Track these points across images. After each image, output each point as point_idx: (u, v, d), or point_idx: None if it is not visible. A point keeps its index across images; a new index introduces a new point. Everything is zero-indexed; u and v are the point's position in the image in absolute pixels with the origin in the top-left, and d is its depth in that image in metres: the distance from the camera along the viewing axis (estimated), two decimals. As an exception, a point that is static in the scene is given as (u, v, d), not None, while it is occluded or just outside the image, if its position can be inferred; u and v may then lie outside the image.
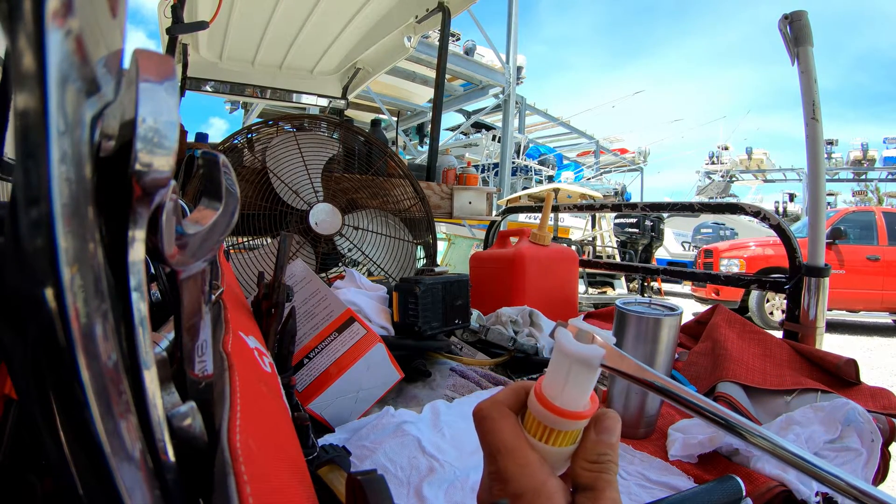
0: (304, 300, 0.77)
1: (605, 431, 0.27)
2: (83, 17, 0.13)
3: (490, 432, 0.27)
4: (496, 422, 0.27)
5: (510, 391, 0.29)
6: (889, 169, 16.97)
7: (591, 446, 0.27)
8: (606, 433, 0.27)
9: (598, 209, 2.21)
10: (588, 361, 0.26)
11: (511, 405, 0.28)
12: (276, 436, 0.28)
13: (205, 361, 0.21)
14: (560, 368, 0.26)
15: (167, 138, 0.14)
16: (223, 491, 0.17)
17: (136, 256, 0.15)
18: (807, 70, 1.01)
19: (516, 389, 0.29)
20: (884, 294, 4.97)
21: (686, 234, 10.24)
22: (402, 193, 1.44)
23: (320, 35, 2.25)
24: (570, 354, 0.26)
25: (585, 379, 0.26)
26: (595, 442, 0.27)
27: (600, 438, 0.27)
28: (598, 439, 0.27)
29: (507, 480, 0.26)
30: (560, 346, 0.26)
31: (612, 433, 0.28)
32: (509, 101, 6.45)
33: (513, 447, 0.26)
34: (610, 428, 0.28)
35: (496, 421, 0.27)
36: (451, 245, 4.56)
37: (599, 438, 0.27)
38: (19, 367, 0.13)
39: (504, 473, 0.26)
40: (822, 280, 0.96)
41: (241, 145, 1.27)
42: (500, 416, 0.27)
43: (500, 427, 0.27)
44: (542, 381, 0.28)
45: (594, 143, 12.90)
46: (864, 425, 0.62)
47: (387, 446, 0.56)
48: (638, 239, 5.58)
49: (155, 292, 0.38)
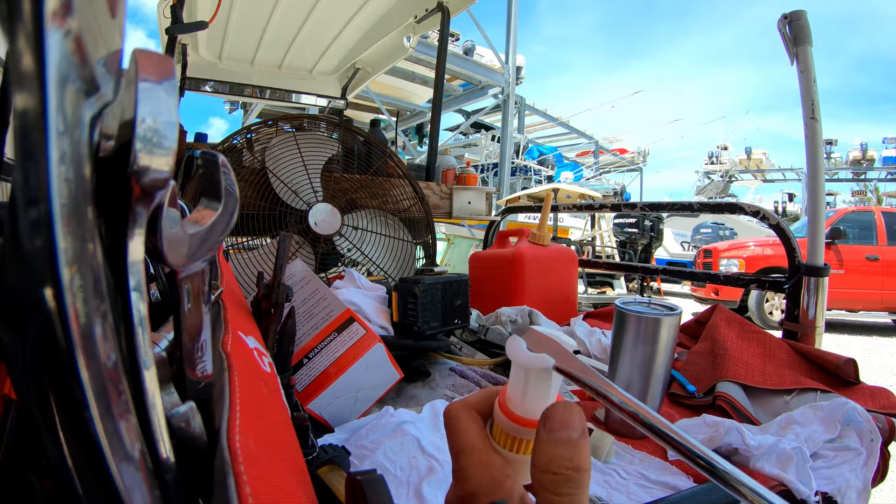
0: (303, 300, 0.77)
1: (556, 428, 0.22)
2: (82, 18, 0.13)
3: (455, 432, 0.26)
4: (461, 422, 0.26)
5: (481, 395, 0.28)
6: (888, 169, 16.99)
7: (542, 447, 0.22)
8: (558, 430, 0.22)
9: (598, 209, 2.21)
10: (537, 369, 0.25)
11: (481, 409, 0.27)
12: (276, 436, 0.28)
13: (204, 361, 0.21)
14: (517, 376, 0.26)
15: (166, 138, 0.14)
16: (222, 491, 0.17)
17: (136, 256, 0.15)
18: (806, 70, 1.01)
19: (487, 395, 0.28)
20: (883, 294, 4.97)
21: (685, 234, 10.24)
22: (402, 193, 1.44)
23: (320, 35, 2.25)
24: (521, 363, 0.25)
25: (543, 386, 0.25)
26: (545, 442, 0.22)
27: (550, 437, 0.22)
28: (548, 437, 0.22)
29: (466, 479, 0.24)
30: (511, 356, 0.26)
31: (566, 428, 0.22)
32: (508, 101, 6.44)
33: (475, 447, 0.25)
34: (564, 422, 0.22)
35: (461, 422, 0.26)
36: (450, 245, 4.56)
37: (549, 437, 0.22)
38: (19, 367, 0.13)
39: (464, 472, 0.24)
40: (822, 280, 0.96)
41: (241, 145, 1.27)
42: (467, 418, 0.26)
43: (465, 427, 0.26)
44: (505, 388, 0.27)
45: (593, 143, 12.91)
46: (863, 425, 0.62)
47: (386, 446, 0.56)
48: (637, 239, 5.58)
49: (154, 292, 0.38)
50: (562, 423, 0.22)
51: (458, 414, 0.26)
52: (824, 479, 0.57)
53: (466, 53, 6.69)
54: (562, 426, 0.22)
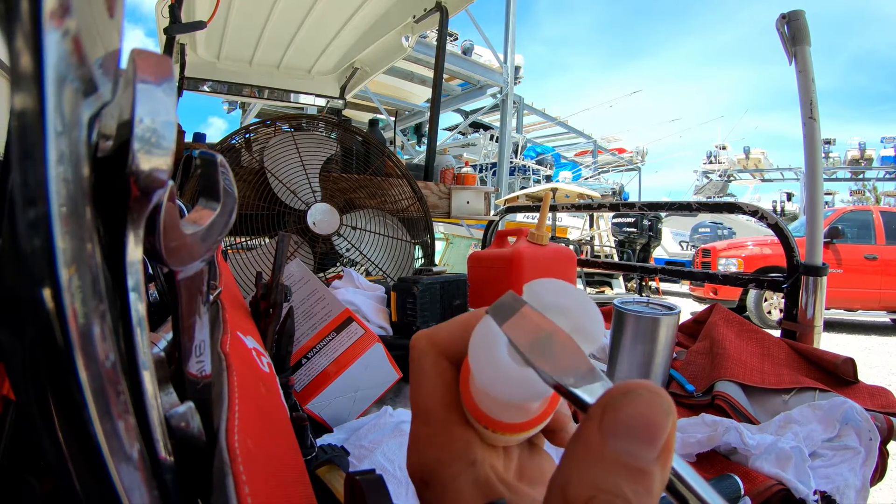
0: (302, 300, 0.77)
1: (628, 433, 0.12)
2: (81, 18, 0.13)
3: (415, 385, 0.20)
4: (425, 372, 0.19)
5: (458, 326, 0.20)
6: (886, 168, 17.03)
7: (585, 460, 0.12)
8: (629, 437, 0.12)
9: (596, 209, 2.22)
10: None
11: (453, 350, 0.19)
12: (275, 436, 0.28)
13: (203, 362, 0.21)
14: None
15: (165, 138, 0.14)
16: (221, 491, 0.17)
17: (134, 257, 0.15)
18: (804, 69, 1.01)
19: (464, 325, 0.19)
20: (881, 293, 4.98)
21: (684, 234, 10.25)
22: (400, 193, 1.44)
23: (318, 35, 2.25)
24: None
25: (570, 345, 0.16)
26: (597, 454, 0.12)
27: (609, 447, 0.12)
28: (606, 448, 0.12)
29: (417, 450, 0.19)
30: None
31: (648, 440, 0.12)
32: (507, 101, 6.44)
33: (435, 415, 0.19)
34: (646, 426, 0.12)
35: (425, 371, 0.19)
36: (448, 245, 4.56)
37: (608, 447, 0.12)
38: (17, 367, 0.13)
39: (416, 440, 0.19)
40: (820, 279, 0.96)
41: (239, 145, 1.27)
42: (433, 369, 0.19)
43: (427, 384, 0.19)
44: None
45: (592, 142, 12.92)
46: (862, 424, 0.62)
47: (385, 446, 0.56)
48: (636, 238, 5.58)
49: (153, 293, 0.38)
50: (639, 429, 0.12)
51: (422, 359, 0.20)
52: (823, 478, 0.57)
53: (465, 53, 6.69)
54: (638, 433, 0.12)
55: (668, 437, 0.12)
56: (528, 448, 0.21)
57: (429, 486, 0.18)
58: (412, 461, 0.19)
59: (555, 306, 0.15)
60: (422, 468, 0.18)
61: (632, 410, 0.12)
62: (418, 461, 0.19)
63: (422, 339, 0.20)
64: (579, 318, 0.15)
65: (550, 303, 0.16)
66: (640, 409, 0.12)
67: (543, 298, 0.16)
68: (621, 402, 0.12)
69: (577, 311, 0.15)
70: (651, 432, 0.12)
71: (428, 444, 0.19)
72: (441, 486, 0.18)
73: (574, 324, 0.15)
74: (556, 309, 0.15)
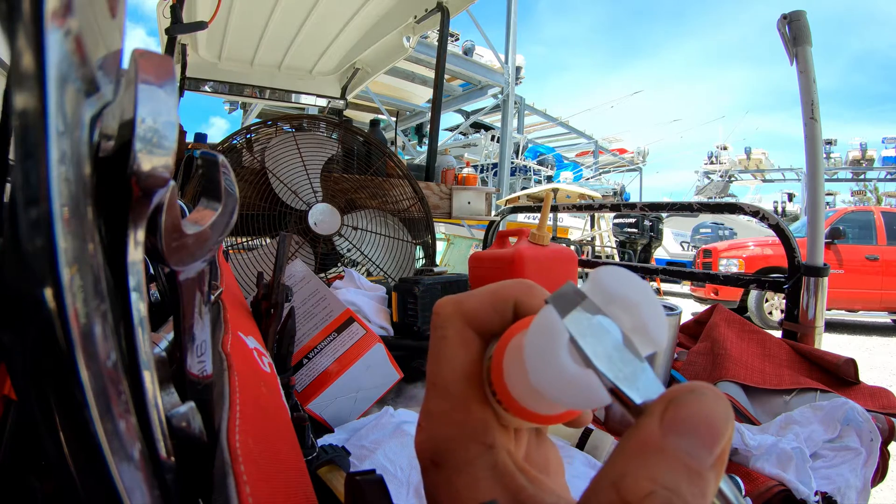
0: (303, 300, 0.77)
1: (689, 432, 0.12)
2: (83, 17, 0.13)
3: (435, 356, 0.18)
4: (447, 344, 0.18)
5: (490, 298, 0.18)
6: (888, 169, 17.02)
7: (642, 457, 0.12)
8: (692, 435, 0.12)
9: (597, 209, 2.21)
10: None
11: (483, 322, 0.18)
12: (276, 436, 0.28)
13: (204, 362, 0.21)
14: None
15: (166, 139, 0.14)
16: (222, 491, 0.17)
17: (136, 257, 0.15)
18: (805, 70, 1.01)
19: (497, 297, 0.18)
20: (883, 294, 4.98)
21: (685, 234, 10.25)
22: (401, 193, 1.44)
23: (319, 35, 2.25)
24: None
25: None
26: (656, 449, 0.12)
27: (669, 444, 0.12)
28: (666, 445, 0.12)
29: (426, 428, 0.17)
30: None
31: (709, 442, 0.12)
32: (508, 102, 6.45)
33: (453, 393, 0.17)
34: (709, 428, 0.12)
35: (448, 342, 0.18)
36: (449, 245, 4.56)
37: (668, 444, 0.12)
38: (19, 367, 0.13)
39: (429, 417, 0.17)
40: (821, 280, 0.96)
41: (240, 146, 1.27)
42: (456, 339, 0.18)
43: (449, 354, 0.18)
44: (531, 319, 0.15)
45: (593, 143, 12.93)
46: (863, 425, 0.62)
47: (386, 446, 0.56)
48: (637, 239, 5.59)
49: (154, 293, 0.38)
50: (701, 428, 0.12)
51: (446, 325, 0.18)
52: (824, 479, 0.57)
53: (466, 53, 6.70)
54: (699, 432, 0.12)
55: (725, 445, 0.12)
56: (535, 434, 0.20)
57: (439, 468, 0.16)
58: (422, 438, 0.17)
59: (621, 300, 0.14)
60: (433, 447, 0.17)
61: (696, 408, 0.12)
62: (430, 438, 0.17)
63: (448, 305, 0.19)
64: (644, 317, 0.14)
65: (616, 295, 0.14)
66: (704, 409, 0.12)
67: (609, 289, 0.14)
68: (686, 399, 0.12)
69: (643, 309, 0.14)
70: (713, 434, 0.12)
71: (442, 421, 0.17)
72: (454, 468, 0.16)
73: (636, 322, 0.14)
74: (622, 303, 0.14)
